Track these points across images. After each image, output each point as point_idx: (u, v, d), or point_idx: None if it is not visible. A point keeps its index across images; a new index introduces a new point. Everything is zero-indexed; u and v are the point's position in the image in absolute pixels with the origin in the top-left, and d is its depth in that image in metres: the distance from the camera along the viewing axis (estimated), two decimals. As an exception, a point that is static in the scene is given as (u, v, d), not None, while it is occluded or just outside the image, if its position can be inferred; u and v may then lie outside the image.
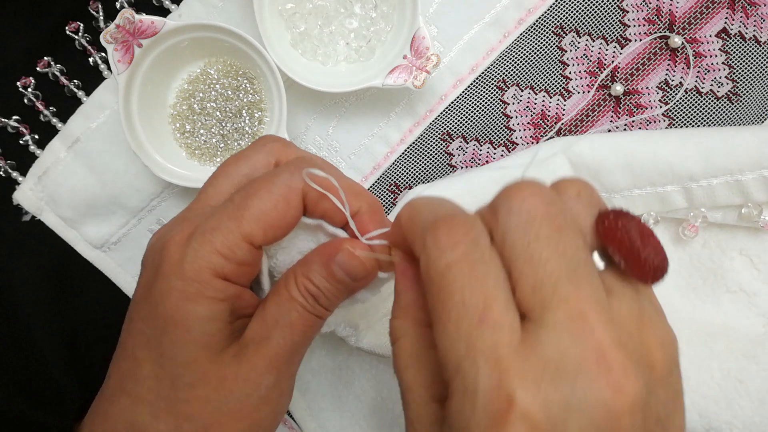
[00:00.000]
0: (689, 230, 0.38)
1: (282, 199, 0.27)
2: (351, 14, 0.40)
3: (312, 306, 0.28)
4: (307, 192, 0.28)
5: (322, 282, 0.28)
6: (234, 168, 0.29)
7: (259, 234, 0.27)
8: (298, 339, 0.28)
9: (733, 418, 0.35)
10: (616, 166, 0.37)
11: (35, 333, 0.45)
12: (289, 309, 0.28)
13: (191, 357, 0.26)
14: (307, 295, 0.28)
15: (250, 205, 0.27)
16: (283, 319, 0.28)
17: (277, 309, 0.28)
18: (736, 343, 0.37)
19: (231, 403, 0.27)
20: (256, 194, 0.27)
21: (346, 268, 0.28)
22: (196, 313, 0.26)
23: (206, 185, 0.30)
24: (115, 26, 0.37)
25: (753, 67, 0.40)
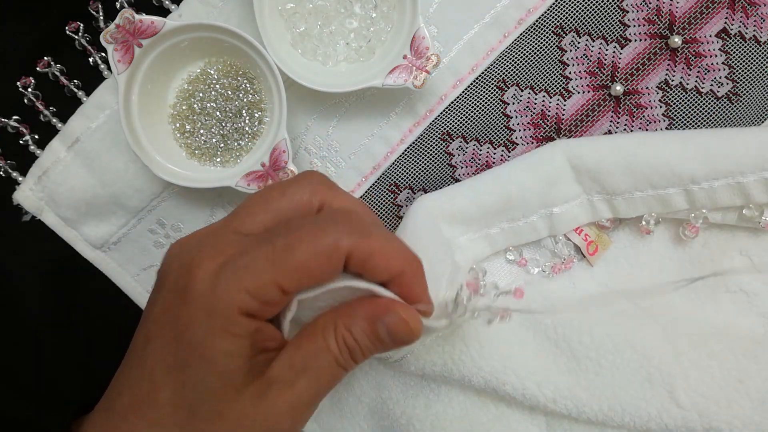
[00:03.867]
0: (689, 231, 0.38)
1: (325, 257, 0.26)
2: (351, 14, 0.40)
3: (345, 360, 0.28)
4: (352, 253, 0.27)
5: (363, 339, 0.28)
6: (275, 202, 0.29)
7: (292, 283, 0.26)
8: (323, 388, 0.28)
9: (733, 418, 0.35)
10: (617, 169, 0.37)
11: (35, 333, 0.45)
12: (321, 358, 0.27)
13: (212, 390, 0.26)
14: (344, 347, 0.28)
15: (290, 254, 0.26)
16: (312, 367, 0.27)
17: (307, 355, 0.27)
18: (736, 343, 0.37)
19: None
20: (300, 246, 0.26)
21: (392, 331, 0.28)
22: (221, 348, 0.26)
23: (241, 210, 0.29)
24: (115, 26, 0.37)
25: (753, 67, 0.40)
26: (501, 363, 0.37)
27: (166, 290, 0.28)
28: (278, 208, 0.29)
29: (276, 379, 0.27)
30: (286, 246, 0.26)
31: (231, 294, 0.26)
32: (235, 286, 0.26)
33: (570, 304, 0.39)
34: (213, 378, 0.26)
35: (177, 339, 0.27)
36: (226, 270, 0.26)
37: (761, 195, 0.36)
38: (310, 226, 0.27)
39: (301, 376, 0.27)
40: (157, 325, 0.28)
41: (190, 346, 0.26)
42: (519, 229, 0.39)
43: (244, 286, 0.26)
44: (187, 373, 0.26)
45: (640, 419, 0.35)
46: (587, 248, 0.39)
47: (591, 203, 0.38)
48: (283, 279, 0.26)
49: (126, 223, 0.43)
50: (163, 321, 0.27)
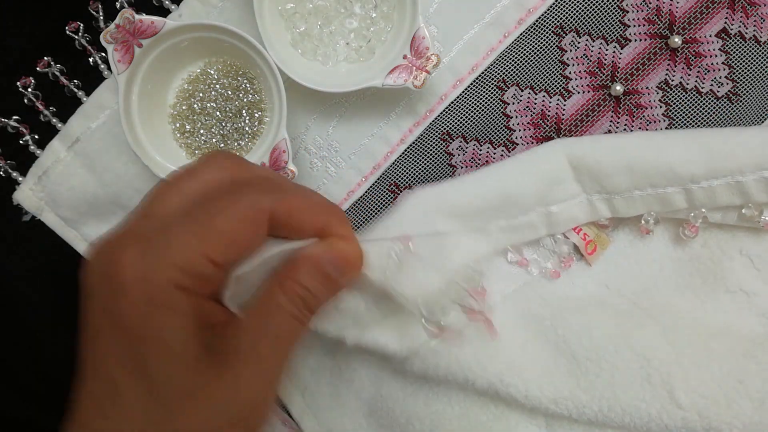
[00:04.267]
0: (689, 230, 0.38)
1: (248, 220, 0.27)
2: (351, 14, 0.40)
3: (299, 311, 0.28)
4: (274, 212, 0.27)
5: (311, 281, 0.28)
6: (185, 183, 0.28)
7: (221, 252, 0.26)
8: (285, 348, 0.28)
9: (733, 418, 0.35)
10: (616, 168, 0.37)
11: (35, 333, 0.45)
12: (277, 319, 0.27)
13: (170, 372, 0.26)
14: (296, 298, 0.28)
15: (212, 223, 0.26)
16: (270, 331, 0.27)
17: (262, 321, 0.27)
18: (736, 343, 0.37)
19: (220, 415, 0.26)
20: (222, 213, 0.26)
21: (337, 261, 0.28)
22: (164, 326, 0.26)
23: (151, 198, 0.28)
24: (115, 26, 0.37)
25: (753, 67, 0.40)
26: (506, 365, 0.37)
27: (97, 287, 0.27)
28: (189, 188, 0.28)
29: (237, 351, 0.27)
30: (207, 217, 0.26)
31: (161, 272, 0.25)
32: (164, 264, 0.25)
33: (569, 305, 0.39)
34: (166, 358, 0.26)
35: (120, 331, 0.26)
36: (151, 251, 0.26)
37: (760, 194, 0.36)
38: (228, 195, 0.27)
39: (260, 342, 0.27)
40: (96, 325, 0.27)
41: (134, 333, 0.25)
42: (517, 226, 0.39)
43: (172, 262, 0.26)
44: (141, 360, 0.26)
45: (640, 420, 0.35)
46: (586, 248, 0.39)
47: (590, 202, 0.38)
48: (211, 250, 0.26)
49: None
50: (100, 320, 0.26)
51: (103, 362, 0.26)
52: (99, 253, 0.27)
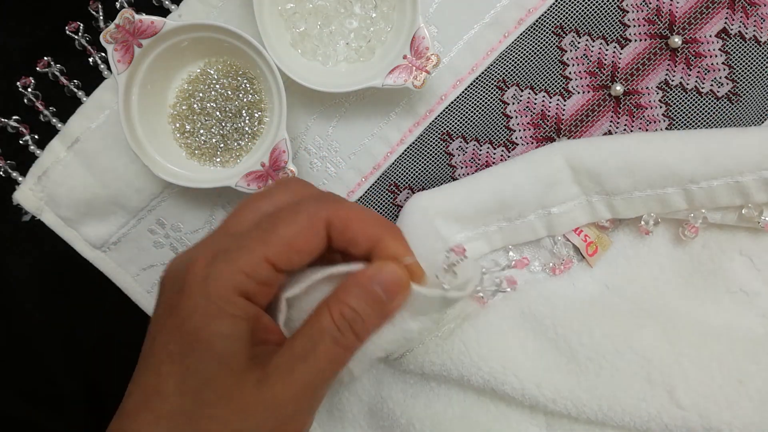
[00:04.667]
0: (689, 231, 0.38)
1: (307, 226, 0.28)
2: (351, 14, 0.40)
3: (344, 336, 0.28)
4: (331, 222, 0.29)
5: (360, 305, 0.28)
6: (258, 204, 0.30)
7: (283, 257, 0.28)
8: (324, 372, 0.28)
9: (733, 418, 0.35)
10: (616, 169, 0.37)
11: (35, 333, 0.45)
12: (319, 342, 0.28)
13: (214, 374, 0.27)
14: (342, 322, 0.28)
15: (275, 231, 0.28)
16: (311, 352, 0.28)
17: (307, 341, 0.28)
18: (737, 344, 0.37)
19: (249, 424, 0.27)
20: (283, 222, 0.28)
21: (387, 285, 0.29)
22: (220, 331, 0.27)
23: (229, 217, 0.30)
24: (115, 26, 0.37)
25: (753, 67, 0.40)
26: (500, 363, 0.37)
27: (166, 292, 0.29)
28: (261, 209, 0.30)
29: (277, 367, 0.28)
30: (271, 225, 0.28)
31: (225, 276, 0.27)
32: (229, 269, 0.27)
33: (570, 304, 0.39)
34: (213, 362, 0.27)
35: (179, 329, 0.27)
36: (219, 258, 0.28)
37: (760, 194, 0.36)
38: (291, 206, 0.29)
39: (301, 362, 0.28)
40: (160, 322, 0.28)
41: (191, 332, 0.27)
42: (516, 228, 0.39)
43: (237, 267, 0.27)
44: (190, 358, 0.27)
45: (640, 419, 0.35)
46: (586, 249, 0.39)
47: (590, 204, 0.38)
48: (273, 255, 0.28)
49: (126, 223, 0.43)
50: (164, 318, 0.28)
51: (155, 356, 0.28)
52: (176, 260, 0.29)
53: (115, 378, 0.36)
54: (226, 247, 0.28)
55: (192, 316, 0.27)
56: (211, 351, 0.27)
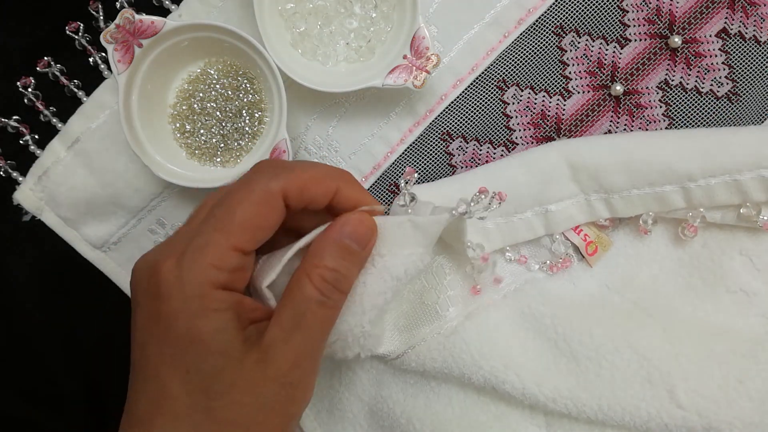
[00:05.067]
0: (689, 231, 0.38)
1: (263, 202, 0.29)
2: (351, 14, 0.40)
3: (328, 296, 0.29)
4: (286, 192, 0.29)
5: (337, 261, 0.29)
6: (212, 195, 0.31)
7: (247, 239, 0.28)
8: (316, 336, 0.29)
9: (734, 418, 0.35)
10: (614, 167, 0.37)
11: (35, 333, 0.45)
12: (305, 307, 0.29)
13: (216, 367, 0.28)
14: (323, 284, 0.29)
15: (232, 215, 0.28)
16: (300, 321, 0.29)
17: (293, 311, 0.29)
18: (736, 344, 0.37)
19: (264, 403, 0.28)
20: (239, 204, 0.29)
21: (356, 234, 0.30)
22: (208, 328, 0.28)
23: (188, 218, 0.31)
24: (115, 26, 0.37)
25: (753, 67, 0.40)
26: (501, 362, 0.37)
27: (141, 298, 0.29)
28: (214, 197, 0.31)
29: (272, 341, 0.28)
30: (226, 210, 0.29)
31: (196, 274, 0.28)
32: (198, 266, 0.28)
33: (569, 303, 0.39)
34: (212, 357, 0.27)
35: (167, 334, 0.28)
36: (185, 257, 0.28)
37: (758, 193, 0.36)
38: (243, 185, 0.29)
39: (293, 332, 0.28)
40: (145, 330, 0.29)
41: (180, 335, 0.28)
42: (514, 225, 0.39)
43: (206, 263, 0.28)
44: (188, 360, 0.27)
45: (640, 419, 0.35)
46: (586, 248, 0.39)
47: (588, 202, 0.38)
48: (237, 240, 0.28)
49: (126, 223, 0.43)
50: (149, 326, 0.29)
51: (151, 363, 0.28)
52: (140, 268, 0.30)
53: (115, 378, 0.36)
54: (190, 243, 0.28)
55: (176, 320, 0.27)
56: (205, 348, 0.27)
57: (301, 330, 0.29)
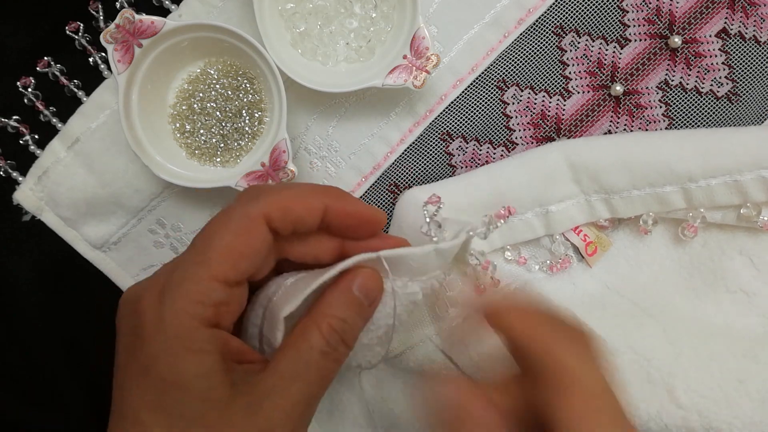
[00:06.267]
0: (689, 231, 0.38)
1: (243, 229, 0.27)
2: (351, 14, 0.40)
3: (335, 349, 0.28)
4: (269, 215, 0.27)
5: (346, 313, 0.28)
6: None
7: (228, 269, 0.27)
8: (316, 388, 0.28)
9: (734, 417, 0.35)
10: (614, 167, 0.37)
11: (35, 333, 0.45)
12: (309, 358, 0.27)
13: (198, 413, 0.26)
14: (332, 334, 0.28)
15: (211, 245, 0.27)
16: (301, 370, 0.27)
17: (294, 361, 0.27)
18: (737, 343, 0.37)
19: None
20: (216, 233, 0.27)
21: (365, 288, 0.28)
22: (190, 370, 0.26)
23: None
24: (115, 26, 0.37)
25: (753, 67, 0.40)
26: None
27: (123, 335, 0.28)
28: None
29: (267, 390, 0.27)
30: (205, 240, 0.27)
31: (178, 311, 0.26)
32: (180, 302, 0.26)
33: None
34: (194, 402, 0.26)
35: (147, 375, 0.26)
36: (166, 293, 0.26)
37: (758, 193, 0.36)
38: (220, 214, 0.28)
39: (292, 381, 0.27)
40: (126, 369, 0.27)
41: (160, 377, 0.26)
42: (514, 225, 0.39)
43: (187, 298, 0.26)
44: (168, 403, 0.26)
45: (640, 419, 0.35)
46: (586, 249, 0.39)
47: (588, 203, 0.38)
48: (218, 270, 0.26)
49: (126, 223, 0.43)
50: (129, 364, 0.27)
51: (130, 405, 0.27)
52: (124, 301, 0.28)
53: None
54: (168, 279, 0.27)
55: (157, 360, 0.26)
56: (188, 392, 0.26)
57: (302, 381, 0.27)
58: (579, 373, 0.26)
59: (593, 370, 0.26)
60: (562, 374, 0.26)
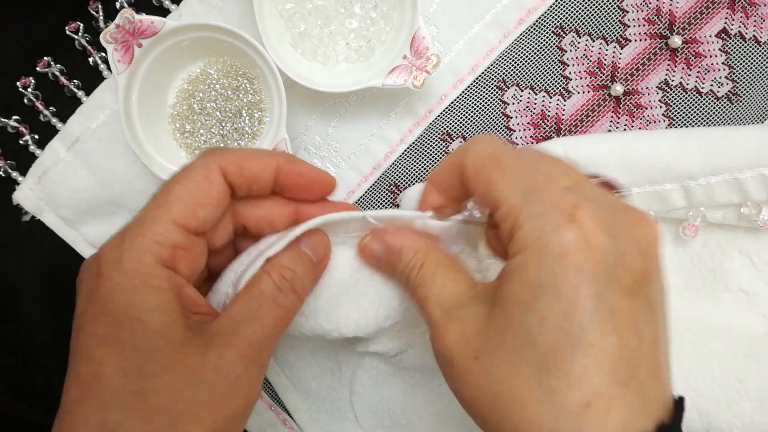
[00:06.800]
0: (689, 230, 0.38)
1: (202, 178, 0.29)
2: (351, 14, 0.40)
3: (286, 296, 0.29)
4: (225, 168, 0.29)
5: (295, 264, 0.30)
6: None
7: (188, 214, 0.28)
8: (267, 332, 0.28)
9: (733, 417, 0.35)
10: (614, 164, 0.37)
11: (35, 333, 0.45)
12: (260, 302, 0.28)
13: (153, 346, 0.26)
14: (283, 282, 0.29)
15: (171, 191, 0.28)
16: (253, 314, 0.28)
17: (247, 304, 0.28)
18: (737, 343, 0.37)
19: (200, 393, 0.26)
20: (177, 182, 0.29)
21: (311, 244, 0.30)
22: (147, 304, 0.26)
23: None
24: (115, 26, 0.37)
25: (753, 67, 0.40)
26: None
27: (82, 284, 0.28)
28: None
29: (219, 331, 0.27)
30: (165, 189, 0.28)
31: (138, 250, 0.27)
32: (140, 241, 0.27)
33: None
34: (149, 335, 0.26)
35: (102, 313, 0.26)
36: (126, 234, 0.28)
37: (758, 192, 0.36)
38: (182, 168, 0.29)
39: (244, 322, 0.28)
40: (83, 314, 0.28)
41: (117, 311, 0.26)
42: None
43: (147, 238, 0.27)
44: (123, 336, 0.26)
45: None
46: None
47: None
48: (177, 215, 0.28)
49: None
50: (87, 308, 0.27)
51: (84, 344, 0.27)
52: (85, 264, 0.29)
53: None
54: (130, 225, 0.28)
55: (114, 295, 0.26)
56: (142, 325, 0.26)
57: (254, 322, 0.28)
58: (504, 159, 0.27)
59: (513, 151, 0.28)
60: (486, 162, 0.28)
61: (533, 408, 0.23)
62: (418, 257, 0.30)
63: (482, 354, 0.25)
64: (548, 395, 0.23)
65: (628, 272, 0.24)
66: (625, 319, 0.23)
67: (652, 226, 0.25)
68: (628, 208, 0.26)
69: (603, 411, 0.22)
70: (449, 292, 0.28)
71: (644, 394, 0.23)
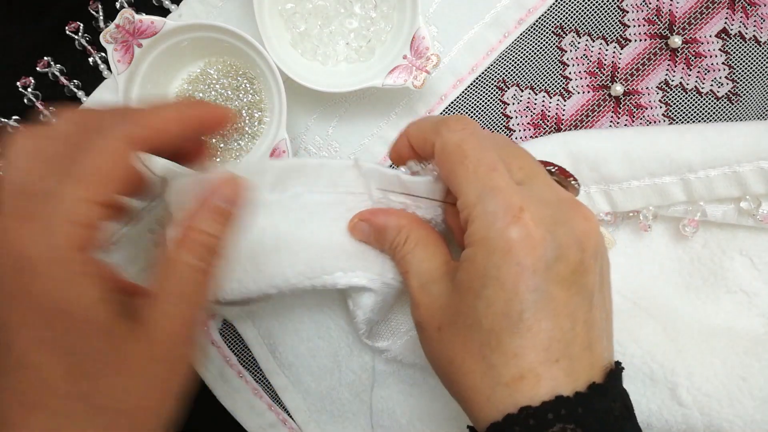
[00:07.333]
0: (689, 225, 0.38)
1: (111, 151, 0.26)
2: (351, 14, 0.40)
3: (206, 262, 0.27)
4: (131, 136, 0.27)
5: (209, 223, 0.27)
6: (35, 143, 0.27)
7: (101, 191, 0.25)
8: (195, 302, 0.27)
9: (735, 416, 0.35)
10: (614, 157, 0.37)
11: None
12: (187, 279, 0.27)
13: (88, 342, 0.24)
14: (200, 249, 0.27)
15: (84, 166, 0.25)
16: (182, 292, 0.27)
17: (170, 281, 0.27)
18: (738, 341, 0.37)
19: (138, 383, 0.25)
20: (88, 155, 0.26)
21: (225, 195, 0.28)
22: (72, 295, 0.24)
23: (8, 171, 0.27)
24: (114, 26, 0.37)
25: (753, 67, 0.40)
26: None
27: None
28: (49, 149, 0.27)
29: (156, 316, 0.26)
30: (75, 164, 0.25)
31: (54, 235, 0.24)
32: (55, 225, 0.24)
33: None
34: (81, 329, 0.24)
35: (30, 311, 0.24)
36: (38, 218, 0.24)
37: (757, 185, 0.36)
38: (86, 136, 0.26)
39: (176, 304, 0.26)
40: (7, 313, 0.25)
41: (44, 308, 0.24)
42: None
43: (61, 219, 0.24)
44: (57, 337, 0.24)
45: (641, 414, 0.35)
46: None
47: (588, 195, 0.38)
48: (93, 193, 0.25)
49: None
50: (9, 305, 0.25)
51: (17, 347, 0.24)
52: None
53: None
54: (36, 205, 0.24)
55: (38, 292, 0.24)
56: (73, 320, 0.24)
57: (184, 301, 0.26)
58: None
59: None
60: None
61: (477, 378, 0.27)
62: (402, 234, 0.31)
63: (443, 326, 0.29)
64: (488, 369, 0.27)
65: (565, 265, 0.27)
66: (561, 306, 0.27)
67: (591, 220, 0.28)
68: (572, 203, 0.28)
69: (533, 383, 0.26)
70: (425, 267, 0.30)
71: (573, 367, 0.27)
